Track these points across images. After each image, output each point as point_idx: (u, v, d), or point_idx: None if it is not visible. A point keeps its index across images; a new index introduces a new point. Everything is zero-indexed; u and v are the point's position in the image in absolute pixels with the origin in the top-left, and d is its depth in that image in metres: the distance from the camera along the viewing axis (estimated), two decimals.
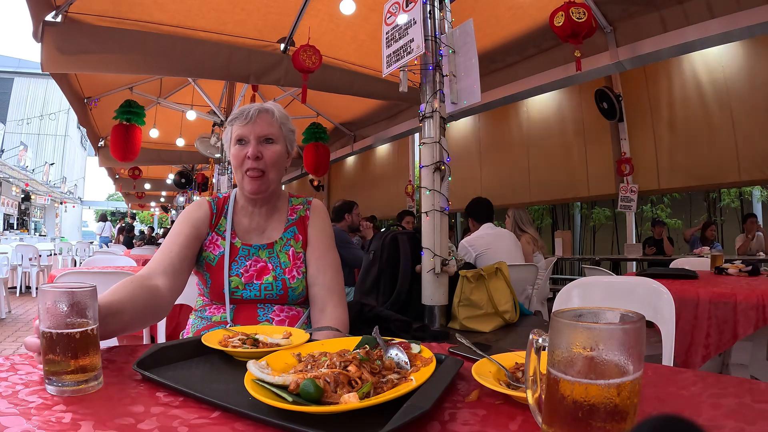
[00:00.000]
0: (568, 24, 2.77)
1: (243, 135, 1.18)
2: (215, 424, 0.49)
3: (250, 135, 1.17)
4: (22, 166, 16.58)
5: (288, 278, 1.17)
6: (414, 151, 7.70)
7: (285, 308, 1.18)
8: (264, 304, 1.17)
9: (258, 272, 1.16)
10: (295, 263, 1.19)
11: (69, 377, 0.57)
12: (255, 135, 1.17)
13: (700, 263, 2.95)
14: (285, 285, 1.16)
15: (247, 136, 1.17)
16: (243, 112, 1.19)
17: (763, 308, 1.65)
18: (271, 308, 1.17)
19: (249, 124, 1.17)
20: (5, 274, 5.25)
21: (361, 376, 0.57)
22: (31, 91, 24.89)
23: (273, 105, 1.24)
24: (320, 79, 3.68)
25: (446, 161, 1.73)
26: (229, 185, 5.64)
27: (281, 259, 1.19)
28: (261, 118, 1.19)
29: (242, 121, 1.18)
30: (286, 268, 1.18)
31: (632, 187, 5.31)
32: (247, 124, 1.17)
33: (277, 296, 1.16)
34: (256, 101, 5.44)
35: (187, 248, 1.14)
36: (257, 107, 1.20)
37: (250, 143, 1.17)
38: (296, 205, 1.29)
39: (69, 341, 0.58)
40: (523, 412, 0.53)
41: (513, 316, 1.70)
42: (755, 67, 4.52)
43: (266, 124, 1.19)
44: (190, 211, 1.22)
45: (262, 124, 1.18)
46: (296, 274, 1.18)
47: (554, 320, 0.43)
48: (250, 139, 1.17)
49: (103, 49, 3.16)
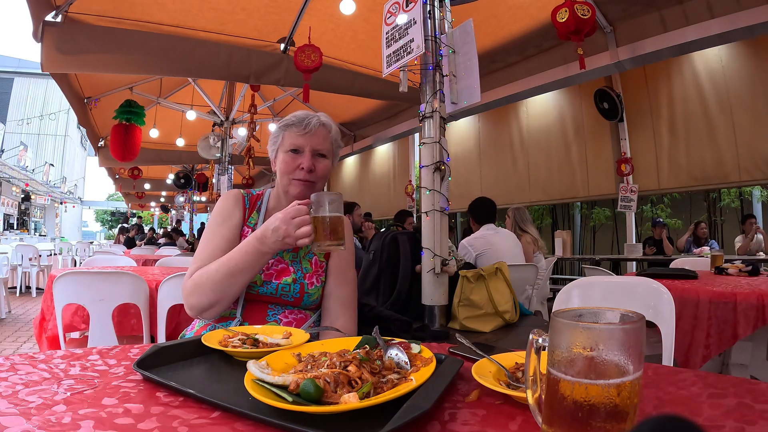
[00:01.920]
0: (572, 20, 2.75)
1: (299, 145, 1.18)
2: (215, 424, 0.49)
3: (307, 147, 1.18)
4: (22, 166, 16.58)
5: (307, 283, 1.17)
6: (414, 151, 7.70)
7: (295, 311, 1.18)
8: (276, 304, 1.17)
9: (278, 272, 1.17)
10: (316, 271, 1.21)
11: None
12: (311, 147, 1.18)
13: (700, 263, 2.96)
14: (303, 289, 1.17)
15: (303, 147, 1.18)
16: (302, 121, 1.19)
17: (762, 308, 1.65)
18: (282, 309, 1.17)
19: (308, 135, 1.18)
20: (5, 274, 5.25)
21: (361, 376, 0.57)
22: (31, 91, 24.90)
23: (330, 120, 1.25)
24: (320, 79, 3.68)
25: (446, 161, 1.72)
26: (229, 185, 5.64)
27: (303, 265, 1.20)
28: (319, 131, 1.20)
29: (300, 130, 1.18)
30: (306, 274, 1.19)
31: (632, 187, 5.31)
32: (305, 135, 1.18)
33: (293, 298, 1.16)
34: (256, 101, 5.46)
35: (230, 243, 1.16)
36: (318, 119, 1.21)
37: (304, 154, 1.18)
38: None
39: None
40: (523, 412, 0.53)
41: (513, 316, 1.70)
42: (755, 67, 4.52)
43: (323, 139, 1.20)
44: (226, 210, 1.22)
45: (320, 138, 1.20)
46: (315, 281, 1.19)
47: (554, 320, 0.43)
48: (306, 151, 1.18)
49: (103, 49, 3.16)
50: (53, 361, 0.70)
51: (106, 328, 1.91)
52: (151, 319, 1.99)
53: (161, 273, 2.37)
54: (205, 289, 1.05)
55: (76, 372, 0.65)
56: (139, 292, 1.96)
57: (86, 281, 1.92)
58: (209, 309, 1.07)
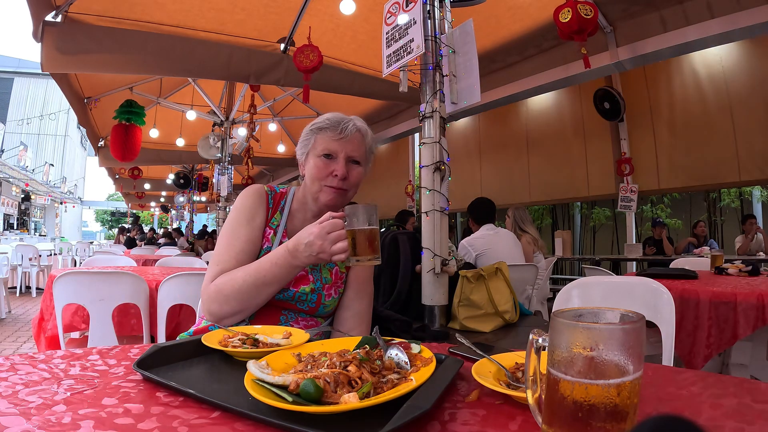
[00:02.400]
0: (575, 19, 2.74)
1: (333, 151, 1.12)
2: (215, 424, 0.49)
3: (341, 153, 1.12)
4: (22, 166, 16.58)
5: (325, 294, 1.14)
6: (414, 151, 7.70)
7: (307, 318, 1.15)
8: (289, 310, 1.14)
9: (297, 279, 1.13)
10: (335, 282, 1.17)
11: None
12: (346, 154, 1.12)
13: (700, 263, 2.96)
14: (320, 300, 1.13)
15: (337, 153, 1.12)
16: (338, 125, 1.13)
17: (762, 308, 1.65)
18: (294, 317, 1.14)
19: (343, 141, 1.12)
20: (5, 274, 5.25)
21: (361, 376, 0.57)
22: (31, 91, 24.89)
23: (365, 125, 1.19)
24: (320, 79, 3.68)
25: (446, 161, 1.73)
26: (229, 185, 5.64)
27: (323, 275, 1.16)
28: (355, 137, 1.14)
29: (335, 135, 1.12)
30: (326, 284, 1.15)
31: (632, 187, 5.31)
32: (340, 140, 1.12)
33: (308, 307, 1.13)
34: (256, 101, 5.46)
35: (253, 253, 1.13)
36: (355, 124, 1.15)
37: (338, 161, 1.12)
38: None
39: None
40: (523, 412, 0.53)
41: (513, 316, 1.70)
42: (755, 67, 4.52)
43: (358, 145, 1.15)
44: (251, 209, 1.16)
45: (355, 144, 1.14)
46: (333, 293, 1.16)
47: (554, 320, 0.43)
48: (340, 157, 1.12)
49: (103, 49, 3.16)
50: (53, 361, 0.70)
51: (106, 328, 1.91)
52: (151, 319, 1.99)
53: (161, 273, 2.36)
54: (229, 298, 1.02)
55: (76, 372, 0.65)
56: (139, 292, 1.96)
57: (86, 281, 1.92)
58: (231, 317, 1.04)
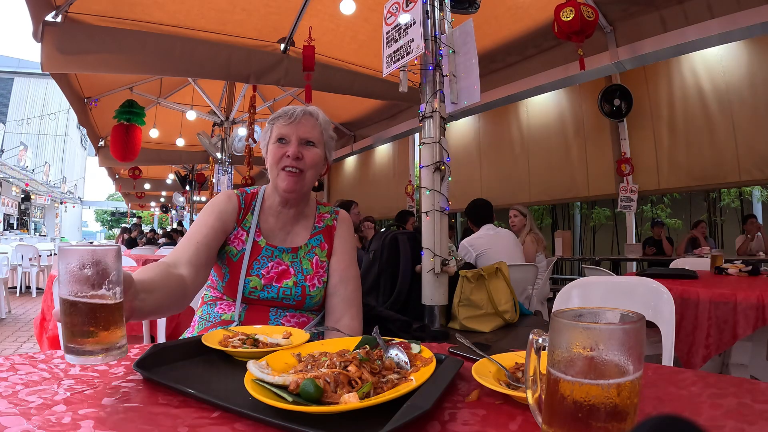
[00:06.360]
0: (577, 20, 2.75)
1: (285, 134, 1.17)
2: (215, 424, 0.49)
3: (293, 135, 1.16)
4: (22, 166, 16.58)
5: (308, 285, 1.15)
6: (414, 151, 7.70)
7: (297, 314, 1.16)
8: (277, 308, 1.15)
9: (279, 275, 1.15)
10: (317, 272, 1.18)
11: (91, 345, 0.54)
12: (297, 136, 1.16)
13: (700, 263, 2.95)
14: (305, 292, 1.15)
15: (289, 136, 1.16)
16: (287, 113, 1.18)
17: (762, 308, 1.65)
18: (284, 313, 1.15)
19: (292, 124, 1.17)
20: (5, 274, 5.25)
21: (361, 376, 0.57)
22: (31, 91, 24.90)
23: (317, 109, 1.23)
24: (320, 79, 3.69)
25: (446, 161, 1.73)
26: (229, 185, 5.64)
27: (303, 266, 1.17)
28: (305, 120, 1.18)
29: (285, 121, 1.17)
30: (307, 275, 1.16)
31: (632, 187, 5.30)
32: (290, 124, 1.17)
33: (295, 302, 1.14)
34: (256, 101, 5.46)
35: (213, 240, 1.12)
36: (302, 109, 1.19)
37: (291, 143, 1.16)
38: (324, 213, 1.27)
39: (91, 309, 0.55)
40: (523, 412, 0.53)
41: (513, 316, 1.71)
42: (755, 67, 4.52)
43: (310, 127, 1.18)
44: (218, 203, 1.19)
45: (308, 126, 1.18)
46: (317, 282, 1.17)
47: (554, 320, 0.43)
48: (292, 140, 1.16)
49: (103, 49, 3.17)
50: (53, 361, 0.70)
51: None
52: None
53: None
54: None
55: (76, 372, 0.65)
56: None
57: None
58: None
